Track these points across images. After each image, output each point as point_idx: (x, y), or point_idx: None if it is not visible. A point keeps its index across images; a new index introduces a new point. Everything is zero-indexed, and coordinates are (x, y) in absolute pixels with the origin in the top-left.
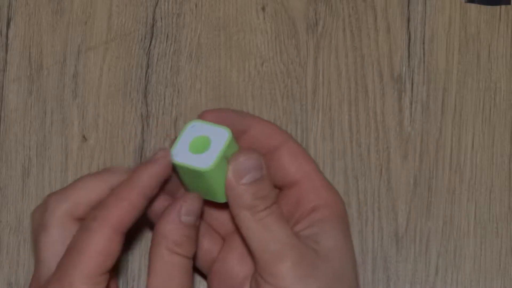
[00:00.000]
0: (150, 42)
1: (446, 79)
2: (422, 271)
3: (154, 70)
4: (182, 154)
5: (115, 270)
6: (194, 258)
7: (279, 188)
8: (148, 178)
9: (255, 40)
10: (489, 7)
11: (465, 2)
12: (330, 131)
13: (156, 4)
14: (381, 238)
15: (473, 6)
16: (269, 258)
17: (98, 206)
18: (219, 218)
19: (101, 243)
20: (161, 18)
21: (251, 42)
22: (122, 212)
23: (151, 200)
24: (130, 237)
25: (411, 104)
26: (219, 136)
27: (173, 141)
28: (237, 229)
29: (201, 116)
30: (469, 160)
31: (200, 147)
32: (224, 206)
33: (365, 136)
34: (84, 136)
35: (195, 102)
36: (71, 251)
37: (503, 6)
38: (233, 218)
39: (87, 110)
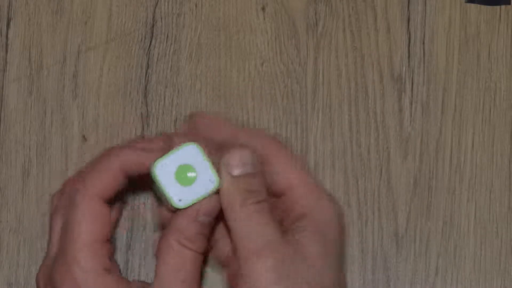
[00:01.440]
0: (150, 42)
1: (446, 79)
2: (422, 271)
3: (154, 70)
4: (166, 173)
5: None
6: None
7: (272, 195)
8: (130, 155)
9: (255, 40)
10: (489, 7)
11: (465, 2)
12: (330, 131)
13: (156, 4)
14: (381, 238)
15: (473, 6)
16: (251, 254)
17: (78, 178)
18: None
19: (89, 212)
20: (161, 18)
21: (251, 42)
22: (102, 182)
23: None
24: (130, 237)
25: (411, 104)
26: (207, 180)
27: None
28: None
29: (196, 121)
30: (469, 160)
31: (185, 177)
32: None
33: (365, 136)
34: (84, 136)
35: (195, 102)
36: (66, 227)
37: (503, 6)
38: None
39: (87, 110)
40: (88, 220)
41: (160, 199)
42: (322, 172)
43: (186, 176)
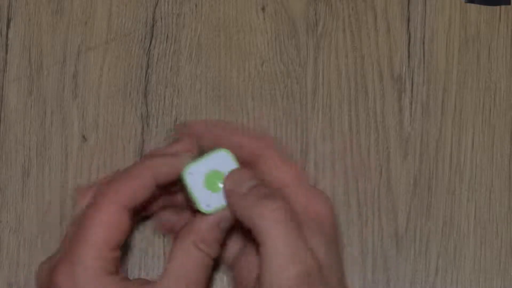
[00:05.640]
0: (150, 42)
1: (446, 79)
2: (422, 271)
3: (154, 70)
4: (195, 178)
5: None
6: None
7: None
8: (162, 164)
9: (255, 40)
10: (489, 7)
11: (465, 2)
12: (330, 131)
13: (156, 4)
14: (381, 238)
15: (473, 6)
16: (280, 263)
17: (109, 181)
18: None
19: (109, 217)
20: (161, 18)
21: (251, 42)
22: (131, 189)
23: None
24: (129, 237)
25: (411, 104)
26: None
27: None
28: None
29: (189, 127)
30: (469, 160)
31: (214, 183)
32: None
33: (365, 136)
34: (84, 136)
35: (195, 102)
36: (80, 226)
37: (503, 6)
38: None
39: (87, 110)
40: (109, 225)
41: (187, 198)
42: (322, 172)
43: (215, 182)
